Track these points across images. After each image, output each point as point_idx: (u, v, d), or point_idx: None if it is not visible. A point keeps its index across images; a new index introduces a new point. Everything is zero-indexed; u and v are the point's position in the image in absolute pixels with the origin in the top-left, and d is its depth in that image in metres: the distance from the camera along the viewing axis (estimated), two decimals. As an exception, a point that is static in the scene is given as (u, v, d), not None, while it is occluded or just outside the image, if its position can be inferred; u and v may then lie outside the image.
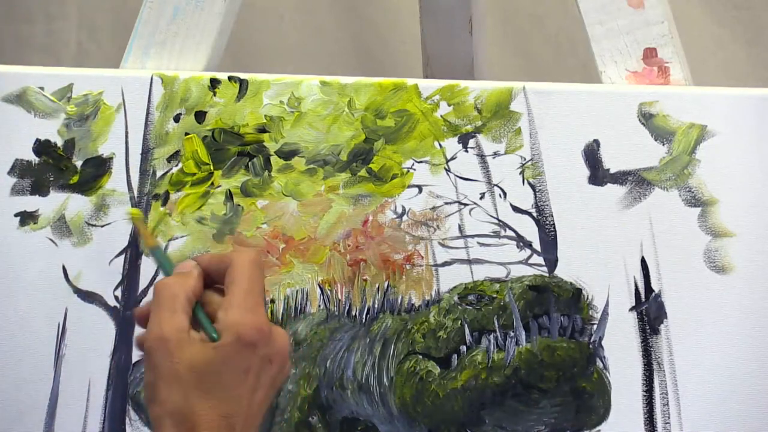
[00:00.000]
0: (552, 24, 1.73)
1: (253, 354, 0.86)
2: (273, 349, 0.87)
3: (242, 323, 0.86)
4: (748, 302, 1.03)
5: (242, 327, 0.86)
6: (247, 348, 0.85)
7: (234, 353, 0.85)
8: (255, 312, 0.86)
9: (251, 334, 0.86)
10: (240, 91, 1.07)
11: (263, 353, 0.86)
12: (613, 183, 1.04)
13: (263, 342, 0.86)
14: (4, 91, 1.08)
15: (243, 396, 0.86)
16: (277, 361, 0.87)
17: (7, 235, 1.07)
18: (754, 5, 1.69)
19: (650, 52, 1.05)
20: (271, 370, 0.87)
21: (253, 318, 0.86)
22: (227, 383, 0.85)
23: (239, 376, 0.85)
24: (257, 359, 0.86)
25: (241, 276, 0.88)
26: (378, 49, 1.77)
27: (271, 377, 0.87)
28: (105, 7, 1.74)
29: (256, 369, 0.86)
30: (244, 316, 0.86)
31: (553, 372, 1.03)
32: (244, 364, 0.85)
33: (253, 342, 0.85)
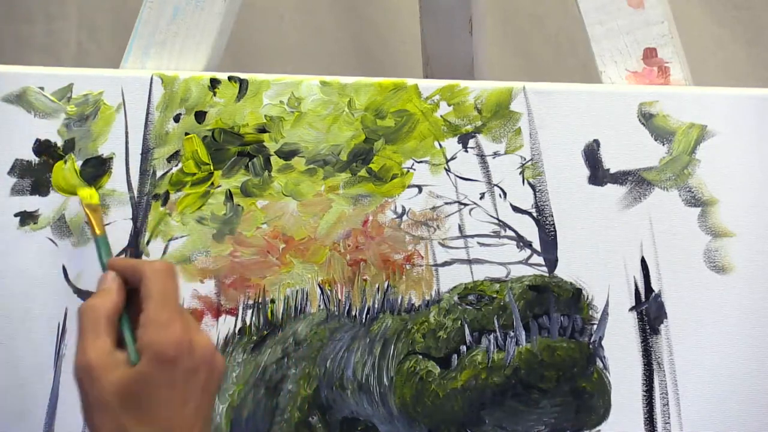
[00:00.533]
0: (552, 24, 1.73)
1: (174, 369, 0.86)
2: (195, 360, 0.87)
3: (157, 342, 0.86)
4: (748, 302, 1.03)
5: (158, 346, 0.86)
6: (167, 365, 0.86)
7: (155, 373, 0.86)
8: (170, 327, 0.86)
9: (168, 351, 0.86)
10: (240, 91, 1.07)
11: (186, 366, 0.86)
12: (613, 183, 1.04)
13: (183, 355, 0.86)
14: (4, 91, 1.08)
15: (172, 411, 0.86)
16: (202, 369, 0.87)
17: (7, 235, 1.07)
18: (754, 5, 1.69)
19: (650, 52, 1.05)
20: (197, 379, 0.87)
21: (169, 334, 0.86)
22: (155, 402, 0.85)
23: (166, 394, 0.85)
24: (180, 373, 0.86)
25: (153, 290, 0.88)
26: (378, 49, 1.77)
27: (199, 386, 0.87)
28: (105, 7, 1.74)
29: (182, 382, 0.86)
30: (159, 333, 0.86)
31: (553, 372, 1.03)
32: (166, 380, 0.85)
33: (171, 358, 0.86)
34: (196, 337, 0.88)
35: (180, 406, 0.86)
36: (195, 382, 0.87)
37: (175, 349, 0.86)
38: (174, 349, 0.86)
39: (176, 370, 0.86)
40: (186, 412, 0.86)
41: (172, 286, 0.90)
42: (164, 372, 0.86)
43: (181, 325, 0.87)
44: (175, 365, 0.86)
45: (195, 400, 0.87)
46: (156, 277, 0.89)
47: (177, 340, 0.86)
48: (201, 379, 0.87)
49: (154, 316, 0.87)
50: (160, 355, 0.86)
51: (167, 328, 0.87)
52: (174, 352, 0.86)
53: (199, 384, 0.87)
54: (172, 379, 0.86)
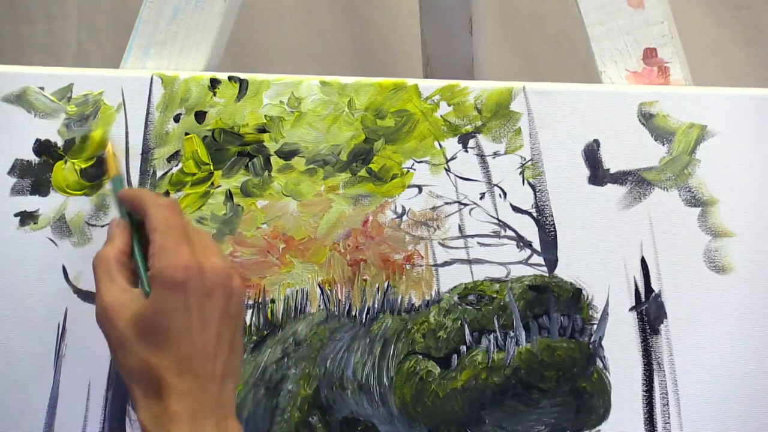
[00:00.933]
0: (552, 24, 1.73)
1: (186, 293, 0.86)
2: (208, 283, 0.87)
3: (165, 267, 0.86)
4: (748, 302, 1.03)
5: (165, 271, 0.86)
6: (177, 290, 0.85)
7: (167, 299, 0.85)
8: (176, 252, 0.87)
9: (176, 275, 0.86)
10: (240, 91, 1.07)
11: (197, 289, 0.86)
12: (613, 183, 1.04)
13: (193, 279, 0.86)
14: (4, 91, 1.08)
15: (192, 336, 0.86)
16: (217, 293, 0.87)
17: (7, 235, 1.07)
18: (754, 5, 1.69)
19: (650, 52, 1.05)
20: (213, 303, 0.87)
21: (176, 259, 0.86)
22: (171, 329, 0.85)
23: (181, 320, 0.85)
24: (193, 297, 0.86)
25: (156, 222, 0.89)
26: (378, 49, 1.77)
27: (217, 310, 0.87)
28: (105, 7, 1.74)
29: (197, 306, 0.86)
30: (167, 259, 0.86)
31: (553, 372, 1.03)
32: (179, 305, 0.85)
33: (180, 282, 0.86)
34: (208, 261, 0.87)
35: (199, 332, 0.86)
36: (211, 306, 0.87)
37: (183, 273, 0.86)
38: (182, 273, 0.86)
39: (188, 294, 0.86)
40: (206, 339, 0.86)
41: (172, 213, 0.90)
42: (175, 298, 0.85)
43: (188, 249, 0.87)
44: (186, 289, 0.86)
45: (214, 325, 0.86)
46: (158, 210, 0.90)
47: (184, 265, 0.86)
48: (217, 302, 0.87)
49: (159, 245, 0.88)
50: (168, 281, 0.86)
51: (173, 254, 0.87)
52: (182, 276, 0.86)
53: (216, 308, 0.87)
54: (186, 305, 0.86)
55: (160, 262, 0.87)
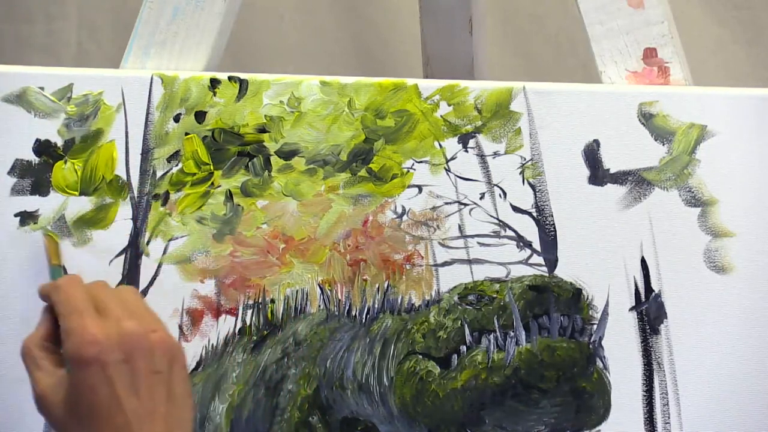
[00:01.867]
0: (552, 24, 1.73)
1: (101, 366, 0.86)
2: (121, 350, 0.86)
3: (73, 347, 0.86)
4: (748, 302, 1.03)
5: (74, 351, 0.86)
6: (90, 365, 0.86)
7: (84, 377, 0.86)
8: (79, 331, 0.87)
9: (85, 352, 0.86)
10: (240, 91, 1.07)
11: (112, 359, 0.86)
12: (613, 183, 1.04)
13: (104, 350, 0.86)
14: (4, 91, 1.08)
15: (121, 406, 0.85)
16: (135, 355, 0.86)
17: (7, 235, 1.07)
18: (754, 5, 1.69)
19: (650, 52, 1.05)
20: (134, 367, 0.86)
21: (80, 337, 0.86)
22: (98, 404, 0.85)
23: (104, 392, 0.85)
24: (111, 368, 0.86)
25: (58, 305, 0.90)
26: (378, 49, 1.77)
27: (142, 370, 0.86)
28: (105, 7, 1.74)
29: (117, 376, 0.86)
30: (72, 340, 0.87)
31: (553, 372, 1.03)
32: (98, 380, 0.85)
33: (91, 358, 0.86)
34: (117, 328, 0.87)
35: (126, 398, 0.85)
36: (132, 370, 0.86)
37: (92, 348, 0.86)
38: (90, 348, 0.86)
39: (104, 366, 0.85)
40: (136, 403, 0.86)
41: (76, 292, 0.90)
42: (91, 373, 0.85)
43: (94, 323, 0.87)
44: (99, 363, 0.85)
45: (142, 387, 0.86)
46: (58, 292, 0.91)
47: (90, 340, 0.86)
48: (138, 364, 0.86)
49: (65, 327, 0.88)
50: (80, 359, 0.86)
51: (78, 333, 0.87)
52: (91, 351, 0.86)
53: (138, 370, 0.86)
54: (105, 377, 0.85)
55: (68, 344, 0.87)
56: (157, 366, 0.87)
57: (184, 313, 1.07)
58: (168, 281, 1.07)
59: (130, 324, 0.87)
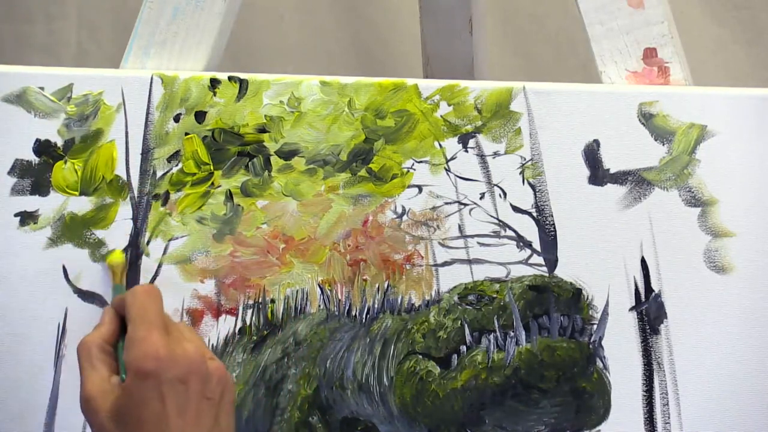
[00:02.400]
0: (552, 24, 1.73)
1: (158, 382, 0.87)
2: (180, 370, 0.88)
3: (136, 357, 0.88)
4: (748, 302, 1.03)
5: (137, 361, 0.88)
6: (147, 379, 0.87)
7: (139, 389, 0.87)
8: (147, 342, 0.88)
9: (146, 364, 0.87)
10: (240, 91, 1.07)
11: (169, 377, 0.87)
12: (613, 183, 1.04)
13: (164, 368, 0.87)
14: (4, 91, 1.08)
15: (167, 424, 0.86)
16: (192, 379, 0.88)
17: (7, 235, 1.07)
18: (754, 5, 1.69)
19: (650, 52, 1.05)
20: (188, 389, 0.87)
21: (146, 348, 0.88)
22: (145, 418, 0.86)
23: (154, 407, 0.86)
24: (166, 385, 0.87)
25: (131, 310, 0.91)
26: (378, 49, 1.77)
27: (194, 394, 0.87)
28: (105, 7, 1.74)
29: (170, 394, 0.87)
30: (137, 350, 0.88)
31: (553, 372, 1.03)
32: (152, 394, 0.87)
33: (151, 371, 0.87)
34: (180, 348, 0.89)
35: (174, 417, 0.87)
36: (186, 392, 0.87)
37: (153, 362, 0.87)
38: (152, 362, 0.87)
39: (160, 383, 0.87)
40: (182, 424, 0.87)
41: (151, 304, 0.92)
42: (147, 387, 0.87)
43: (159, 338, 0.88)
44: (157, 378, 0.87)
45: (190, 410, 0.87)
46: (134, 299, 0.93)
47: (154, 354, 0.87)
48: (193, 388, 0.88)
49: (132, 335, 0.90)
50: (140, 371, 0.87)
51: (143, 343, 0.88)
52: (152, 365, 0.87)
53: (192, 393, 0.88)
54: (158, 393, 0.87)
55: (131, 353, 0.88)
56: (210, 392, 0.89)
57: (184, 313, 1.07)
58: (168, 281, 1.07)
59: (192, 347, 0.89)
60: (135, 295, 0.93)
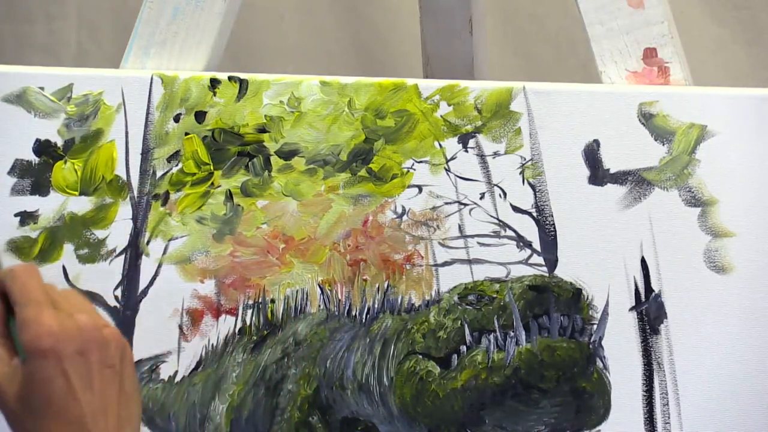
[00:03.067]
0: (552, 24, 1.73)
1: (57, 359, 0.86)
2: (76, 342, 0.86)
3: (30, 339, 0.86)
4: (748, 302, 1.03)
5: (31, 342, 0.86)
6: (47, 357, 0.85)
7: (40, 369, 0.86)
8: (37, 322, 0.86)
9: (42, 343, 0.86)
10: (240, 91, 1.07)
11: (68, 352, 0.86)
12: (613, 183, 1.04)
13: (60, 343, 0.86)
14: (4, 91, 1.08)
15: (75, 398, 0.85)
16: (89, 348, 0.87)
17: (7, 235, 1.07)
18: (754, 5, 1.69)
19: (650, 52, 1.05)
20: (87, 360, 0.86)
21: (38, 328, 0.86)
22: (52, 396, 0.85)
23: (59, 384, 0.85)
24: (66, 360, 0.86)
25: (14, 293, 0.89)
26: (378, 49, 1.77)
27: (94, 365, 0.86)
28: (105, 7, 1.74)
29: (72, 368, 0.86)
30: (29, 330, 0.86)
31: (553, 372, 1.03)
32: (54, 372, 0.85)
33: (47, 349, 0.86)
34: (73, 321, 0.87)
35: (81, 392, 0.86)
36: (87, 364, 0.86)
37: (49, 338, 0.86)
38: (47, 340, 0.86)
39: (59, 359, 0.86)
40: (90, 396, 0.86)
41: (33, 282, 0.89)
42: (48, 365, 0.85)
43: (50, 314, 0.87)
44: (56, 355, 0.86)
45: (95, 380, 0.86)
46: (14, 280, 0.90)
47: (47, 332, 0.86)
48: (92, 358, 0.86)
49: (22, 317, 0.88)
50: (37, 350, 0.86)
51: (35, 324, 0.86)
52: (48, 343, 0.86)
53: (92, 363, 0.86)
54: (60, 370, 0.86)
55: (26, 335, 0.87)
56: (111, 360, 0.88)
57: (184, 313, 1.07)
58: (168, 281, 1.07)
59: (85, 318, 0.88)
60: (15, 276, 0.90)
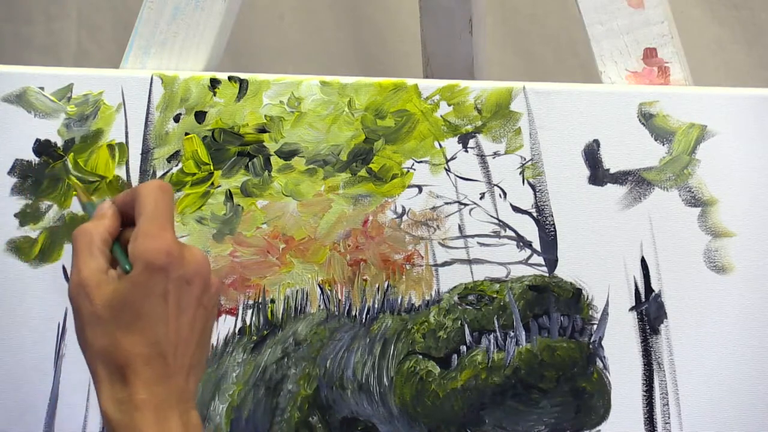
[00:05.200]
0: (552, 24, 1.73)
1: (166, 278, 0.85)
2: (188, 270, 0.86)
3: (148, 250, 0.85)
4: (748, 302, 1.03)
5: (148, 254, 0.85)
6: (157, 273, 0.85)
7: (146, 281, 0.85)
8: (160, 237, 0.86)
9: (158, 258, 0.85)
10: (240, 91, 1.07)
11: (177, 275, 0.85)
12: (613, 183, 1.04)
13: (174, 264, 0.85)
14: (4, 91, 1.08)
15: (166, 322, 0.85)
16: (196, 281, 0.87)
17: (7, 235, 1.07)
18: (754, 5, 1.69)
19: (650, 52, 1.05)
20: (191, 290, 0.86)
21: (159, 243, 0.85)
22: (146, 312, 0.85)
23: (157, 303, 0.85)
24: (172, 283, 0.85)
25: (145, 204, 0.88)
26: (378, 49, 1.77)
27: (194, 298, 0.86)
28: (105, 7, 1.74)
29: (174, 292, 0.85)
30: (150, 242, 0.86)
31: (553, 372, 1.03)
32: (158, 289, 0.85)
33: (162, 266, 0.85)
34: (189, 250, 0.87)
35: (173, 317, 0.85)
36: (188, 294, 0.86)
37: (166, 256, 0.85)
38: (164, 256, 0.85)
39: (167, 279, 0.85)
40: (179, 325, 0.86)
41: (164, 201, 0.89)
42: (155, 280, 0.85)
43: (172, 236, 0.87)
44: (166, 273, 0.85)
45: (189, 312, 0.86)
46: (147, 193, 0.89)
47: (167, 249, 0.85)
48: (195, 291, 0.86)
49: (145, 228, 0.87)
50: (150, 263, 0.85)
51: (157, 238, 0.86)
52: (164, 259, 0.85)
53: (192, 296, 0.86)
54: (164, 289, 0.85)
55: (143, 245, 0.86)
56: (207, 301, 0.88)
57: (184, 313, 1.07)
58: (168, 281, 1.07)
59: (200, 253, 0.88)
60: (150, 190, 0.89)
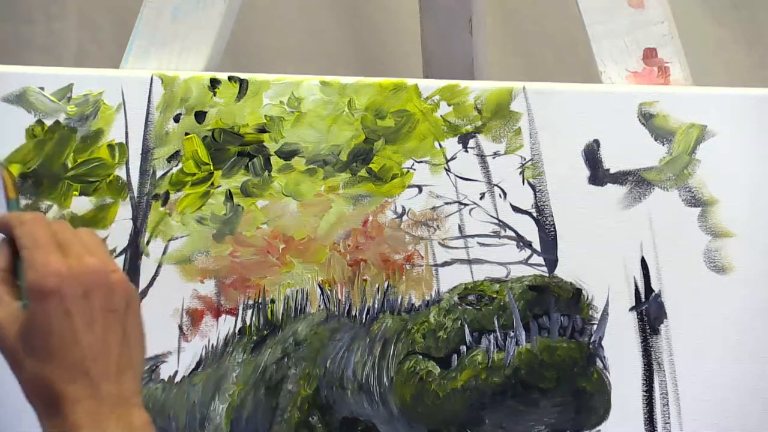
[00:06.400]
0: (552, 24, 1.73)
1: (61, 300, 0.85)
2: (82, 283, 0.86)
3: (36, 279, 0.86)
4: (748, 302, 1.03)
5: (35, 282, 0.86)
6: (51, 297, 0.85)
7: (43, 309, 0.85)
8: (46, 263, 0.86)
9: (47, 283, 0.85)
10: (240, 91, 1.07)
11: (72, 293, 0.86)
12: (613, 183, 1.04)
13: (66, 284, 0.85)
14: (4, 91, 1.08)
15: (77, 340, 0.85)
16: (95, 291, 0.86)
17: (7, 235, 1.07)
18: (754, 5, 1.69)
19: (650, 52, 1.05)
20: (92, 302, 0.86)
21: (45, 269, 0.86)
22: (54, 337, 0.85)
23: (62, 326, 0.85)
24: (70, 301, 0.85)
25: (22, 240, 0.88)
26: (378, 49, 1.77)
27: (99, 307, 0.86)
28: (105, 7, 1.74)
29: (76, 309, 0.86)
30: (35, 271, 0.86)
31: (553, 372, 1.03)
32: (58, 313, 0.85)
33: (52, 290, 0.85)
34: (80, 263, 0.87)
35: (83, 332, 0.86)
36: (90, 306, 0.86)
37: (54, 279, 0.86)
38: (52, 280, 0.86)
39: (63, 299, 0.86)
40: (91, 339, 0.86)
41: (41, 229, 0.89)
42: (51, 305, 0.85)
43: (57, 257, 0.87)
44: (60, 295, 0.85)
45: (98, 324, 0.86)
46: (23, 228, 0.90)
47: (54, 272, 0.86)
48: (97, 300, 0.87)
49: (28, 260, 0.87)
50: (41, 290, 0.85)
51: (42, 265, 0.86)
52: (53, 283, 0.85)
53: (96, 306, 0.86)
54: (63, 310, 0.85)
55: (31, 275, 0.87)
56: (115, 305, 0.88)
57: (184, 313, 1.07)
58: (168, 281, 1.07)
59: (92, 261, 0.88)
60: (24, 223, 0.90)
